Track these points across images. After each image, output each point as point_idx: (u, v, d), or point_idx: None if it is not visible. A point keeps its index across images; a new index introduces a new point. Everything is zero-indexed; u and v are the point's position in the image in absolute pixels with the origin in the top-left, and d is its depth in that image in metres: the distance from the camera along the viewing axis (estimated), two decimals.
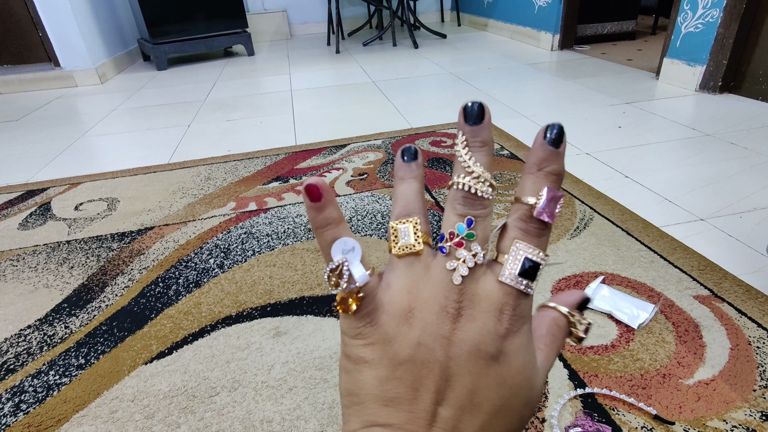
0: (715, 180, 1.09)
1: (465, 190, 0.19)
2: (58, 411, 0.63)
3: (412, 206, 0.20)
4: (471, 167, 0.19)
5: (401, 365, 0.18)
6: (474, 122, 0.19)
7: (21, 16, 2.45)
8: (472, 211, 0.19)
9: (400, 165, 0.21)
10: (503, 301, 0.18)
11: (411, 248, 0.19)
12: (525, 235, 0.19)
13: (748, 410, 0.56)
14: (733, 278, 0.77)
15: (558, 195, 0.19)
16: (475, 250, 0.19)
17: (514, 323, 0.18)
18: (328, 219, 0.19)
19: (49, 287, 0.89)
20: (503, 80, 2.07)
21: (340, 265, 0.18)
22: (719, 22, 1.60)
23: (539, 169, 0.19)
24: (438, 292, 0.18)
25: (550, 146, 0.19)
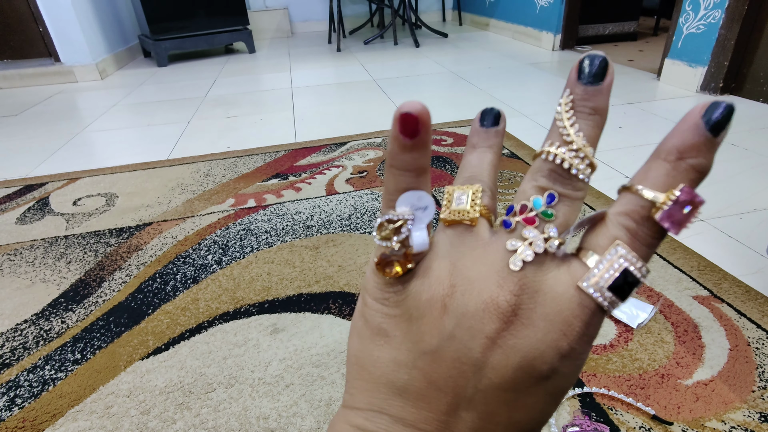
0: (716, 181, 1.09)
1: (556, 163, 0.15)
2: (53, 406, 0.63)
3: (479, 177, 0.16)
4: (572, 136, 0.14)
5: (425, 355, 0.15)
6: (590, 81, 0.14)
7: (21, 10, 2.44)
8: (558, 187, 0.15)
9: (476, 130, 0.17)
10: (575, 313, 0.14)
11: (464, 215, 0.15)
12: (632, 240, 0.14)
13: (746, 411, 0.56)
14: (733, 279, 0.77)
15: (699, 200, 0.14)
16: (550, 233, 0.15)
17: (581, 344, 0.15)
18: (415, 163, 0.15)
19: (47, 282, 0.88)
20: (504, 80, 2.06)
21: (403, 220, 0.15)
22: (721, 24, 1.60)
23: (680, 158, 0.14)
24: (490, 277, 0.14)
25: (707, 131, 0.13)
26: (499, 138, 0.17)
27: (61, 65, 2.52)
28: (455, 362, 0.14)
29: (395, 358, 0.15)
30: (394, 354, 0.15)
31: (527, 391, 0.14)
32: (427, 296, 0.15)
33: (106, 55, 2.70)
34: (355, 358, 0.16)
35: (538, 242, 0.14)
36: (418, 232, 0.15)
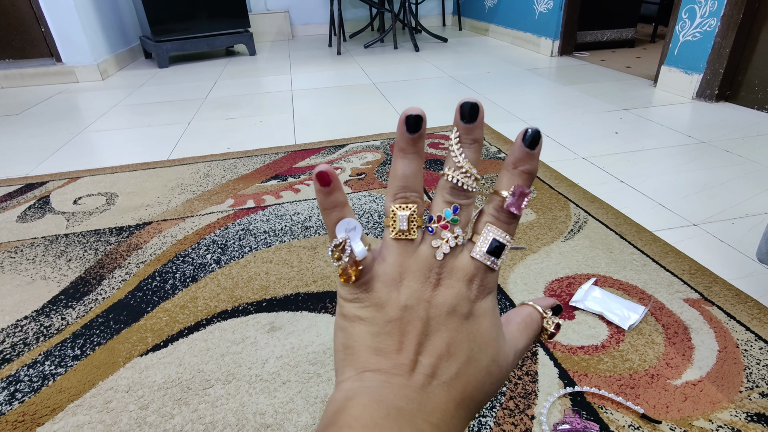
0: (709, 186, 1.11)
1: (453, 182, 0.21)
2: (53, 400, 0.63)
3: (411, 187, 0.22)
4: (460, 162, 0.21)
5: (390, 322, 0.21)
6: (468, 121, 0.21)
7: (24, 11, 2.46)
8: (457, 200, 0.22)
9: (403, 136, 0.21)
10: (474, 272, 0.22)
11: (405, 235, 0.22)
12: (496, 221, 0.22)
13: (733, 411, 0.57)
14: (724, 282, 0.78)
15: (526, 191, 0.21)
16: (457, 233, 0.22)
17: (482, 291, 0.22)
18: (335, 202, 0.21)
19: (47, 279, 0.89)
20: (502, 84, 2.08)
21: (344, 241, 0.21)
22: (716, 32, 1.62)
23: (514, 167, 0.22)
24: (423, 266, 0.22)
25: (526, 148, 0.21)
26: (422, 142, 0.22)
27: (63, 65, 2.54)
28: (410, 321, 0.21)
29: (369, 330, 0.21)
30: (368, 328, 0.21)
31: (458, 328, 0.21)
32: (386, 288, 0.22)
33: (108, 56, 2.72)
34: (342, 345, 0.22)
35: (451, 240, 0.22)
36: (356, 245, 0.21)
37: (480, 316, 0.22)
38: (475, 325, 0.22)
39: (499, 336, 0.22)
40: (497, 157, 1.31)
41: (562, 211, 1.02)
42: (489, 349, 0.22)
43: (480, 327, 0.22)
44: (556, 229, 0.96)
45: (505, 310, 0.75)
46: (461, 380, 0.21)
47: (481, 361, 0.21)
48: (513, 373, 0.64)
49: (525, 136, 0.21)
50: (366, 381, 0.20)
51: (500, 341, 0.22)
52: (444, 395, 0.20)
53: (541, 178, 1.17)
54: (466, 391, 0.21)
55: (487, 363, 0.21)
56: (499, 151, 1.35)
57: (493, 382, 0.22)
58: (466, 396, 0.21)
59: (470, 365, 0.21)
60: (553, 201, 1.07)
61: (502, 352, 0.22)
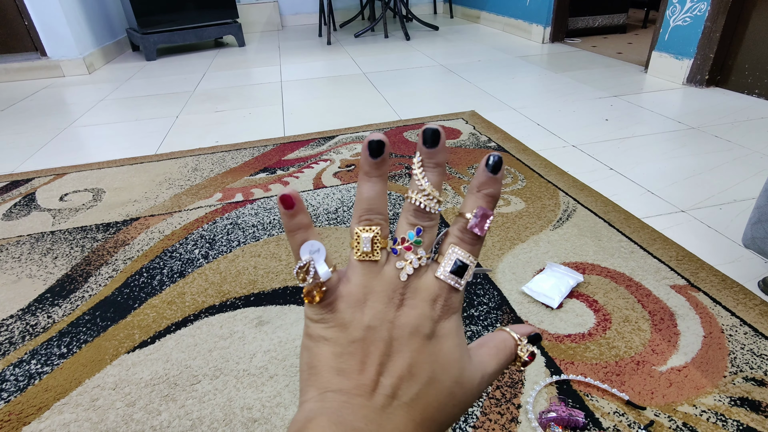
0: (698, 172, 1.11)
1: (416, 205, 0.22)
2: (39, 399, 0.63)
3: (376, 210, 0.22)
4: (423, 186, 0.22)
5: (353, 343, 0.21)
6: (430, 146, 0.22)
7: (6, 4, 2.41)
8: (421, 222, 0.22)
9: (367, 161, 0.22)
10: (437, 293, 0.22)
11: (369, 256, 0.22)
12: (460, 242, 0.22)
13: (717, 395, 0.58)
14: (710, 268, 0.79)
15: (488, 214, 0.22)
16: (421, 254, 0.22)
17: (445, 311, 0.22)
18: (299, 224, 0.22)
19: (32, 277, 0.89)
20: (493, 72, 2.07)
21: (308, 263, 0.22)
22: (707, 16, 1.61)
23: (478, 191, 0.22)
24: (387, 287, 0.22)
25: (489, 173, 0.22)
26: (386, 166, 0.22)
27: (48, 59, 2.49)
28: (373, 342, 0.21)
29: (333, 350, 0.21)
30: (332, 348, 0.21)
31: (420, 348, 0.21)
32: (350, 309, 0.22)
33: (94, 49, 2.68)
34: (306, 365, 0.22)
35: (414, 261, 0.22)
36: (320, 266, 0.22)
37: (443, 337, 0.22)
38: (438, 345, 0.21)
39: (463, 357, 0.22)
40: (487, 146, 1.31)
41: (551, 199, 1.02)
42: (452, 371, 0.22)
43: (443, 348, 0.22)
44: (545, 217, 0.96)
45: (494, 301, 0.75)
46: (422, 401, 0.21)
47: (443, 383, 0.21)
48: None
49: (488, 162, 0.22)
50: (327, 402, 0.20)
51: (464, 362, 0.22)
52: (404, 416, 0.20)
53: (530, 166, 1.17)
54: (427, 413, 0.21)
55: (450, 384, 0.21)
56: (489, 140, 1.35)
57: (456, 404, 0.22)
58: (426, 417, 0.21)
59: (432, 386, 0.21)
60: (542, 190, 1.06)
61: (467, 374, 0.22)
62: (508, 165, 1.19)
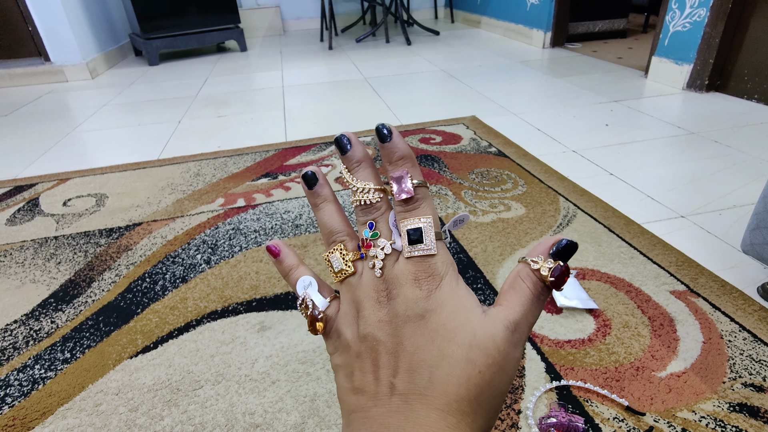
0: (698, 177, 1.11)
1: (360, 204, 0.23)
2: (43, 404, 0.64)
3: (335, 230, 0.24)
4: (356, 185, 0.23)
5: (357, 358, 0.22)
6: (344, 152, 0.23)
7: (10, 10, 2.43)
8: (369, 216, 0.23)
9: (308, 193, 0.24)
10: (413, 270, 0.21)
11: (345, 273, 0.23)
12: (403, 215, 0.22)
13: (716, 401, 0.58)
14: (710, 274, 0.79)
15: (401, 174, 0.22)
16: (382, 244, 0.22)
17: (432, 282, 0.21)
18: (289, 266, 0.24)
19: (36, 282, 0.89)
20: (494, 78, 2.08)
21: (304, 297, 0.23)
22: (706, 21, 1.62)
23: (390, 162, 0.22)
24: (369, 290, 0.22)
25: (382, 144, 0.22)
26: (326, 188, 0.24)
27: (51, 65, 2.51)
28: (373, 349, 0.21)
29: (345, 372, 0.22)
30: (344, 371, 0.22)
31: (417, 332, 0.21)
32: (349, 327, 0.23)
33: (97, 54, 2.69)
34: (339, 400, 0.23)
35: (379, 253, 0.22)
36: (316, 297, 0.24)
37: (438, 308, 0.20)
38: (434, 319, 0.20)
39: (469, 318, 0.20)
40: (488, 152, 1.31)
41: (552, 204, 1.03)
42: (458, 338, 0.20)
43: (440, 319, 0.20)
44: (546, 223, 0.96)
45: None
46: (437, 385, 0.19)
47: (454, 355, 0.19)
48: None
49: (379, 135, 0.22)
50: (352, 424, 0.20)
51: (473, 323, 0.20)
52: (422, 408, 0.19)
53: (530, 171, 1.18)
54: (449, 394, 0.19)
55: (463, 352, 0.19)
56: (490, 145, 1.35)
57: (482, 370, 0.19)
58: (449, 399, 0.19)
59: (442, 365, 0.19)
60: (542, 195, 1.07)
61: (481, 332, 0.20)
62: (508, 170, 1.19)
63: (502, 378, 0.20)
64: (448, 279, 0.21)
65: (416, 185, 0.22)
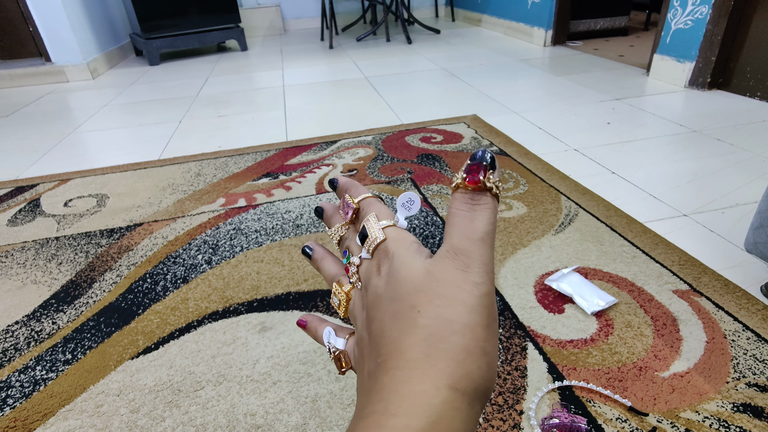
0: (700, 176, 1.11)
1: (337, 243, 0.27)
2: (44, 405, 0.64)
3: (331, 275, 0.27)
4: (330, 233, 0.27)
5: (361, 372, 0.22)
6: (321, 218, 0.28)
7: (11, 10, 2.43)
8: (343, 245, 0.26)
9: (310, 263, 0.29)
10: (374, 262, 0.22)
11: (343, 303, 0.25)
12: (355, 226, 0.26)
13: (720, 401, 0.57)
14: (713, 273, 0.79)
15: (343, 198, 0.26)
16: (353, 260, 0.24)
17: (386, 262, 0.21)
18: (314, 329, 0.28)
19: (37, 283, 0.89)
20: (495, 76, 2.07)
21: (328, 346, 0.26)
22: (708, 19, 1.61)
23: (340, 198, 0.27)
24: (358, 302, 0.24)
25: (335, 191, 0.27)
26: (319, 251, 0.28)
27: (52, 65, 2.51)
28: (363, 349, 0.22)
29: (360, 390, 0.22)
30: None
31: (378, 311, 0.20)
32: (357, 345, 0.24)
33: (97, 55, 2.69)
34: None
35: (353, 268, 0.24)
36: (336, 341, 0.26)
37: (390, 279, 0.20)
38: (389, 289, 0.20)
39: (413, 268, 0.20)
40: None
41: (553, 204, 1.02)
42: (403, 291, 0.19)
43: (391, 286, 0.20)
44: (547, 222, 0.96)
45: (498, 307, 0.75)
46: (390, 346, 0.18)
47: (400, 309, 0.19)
48: (502, 368, 0.64)
49: (330, 187, 0.27)
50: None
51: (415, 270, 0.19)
52: (383, 376, 0.18)
53: (532, 170, 1.17)
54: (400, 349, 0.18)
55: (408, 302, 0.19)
56: (491, 144, 1.35)
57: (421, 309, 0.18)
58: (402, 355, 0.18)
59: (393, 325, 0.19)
60: (544, 194, 1.06)
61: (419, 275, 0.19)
62: (509, 170, 1.19)
63: (453, 310, 0.18)
64: (400, 251, 0.21)
65: (360, 200, 0.25)
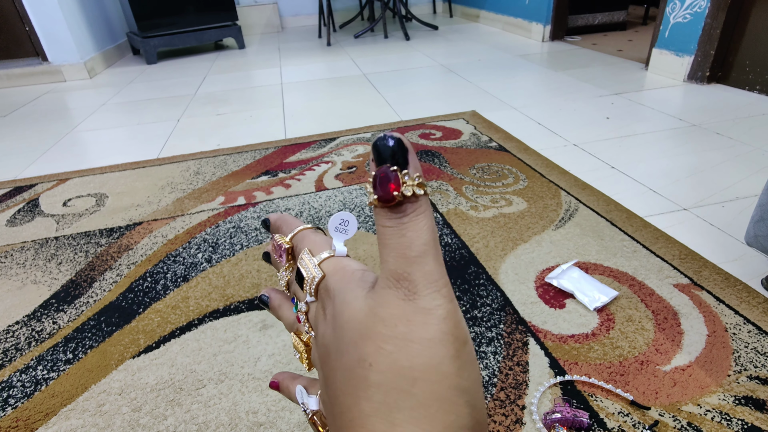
0: (700, 170, 1.11)
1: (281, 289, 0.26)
2: (46, 405, 0.64)
3: (290, 325, 0.24)
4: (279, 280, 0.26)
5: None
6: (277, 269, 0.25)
7: (7, 10, 2.42)
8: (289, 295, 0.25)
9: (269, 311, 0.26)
10: (319, 306, 0.20)
11: (303, 355, 0.23)
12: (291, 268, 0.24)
13: (721, 395, 0.58)
14: (713, 266, 0.79)
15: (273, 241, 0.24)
16: (300, 307, 0.22)
17: (329, 303, 0.19)
18: (289, 389, 0.25)
19: (37, 283, 0.89)
20: (493, 72, 2.07)
21: (302, 407, 0.24)
22: (707, 12, 1.61)
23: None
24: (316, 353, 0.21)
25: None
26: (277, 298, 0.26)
27: (49, 65, 2.50)
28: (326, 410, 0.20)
29: None
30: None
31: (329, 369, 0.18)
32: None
33: (94, 54, 2.68)
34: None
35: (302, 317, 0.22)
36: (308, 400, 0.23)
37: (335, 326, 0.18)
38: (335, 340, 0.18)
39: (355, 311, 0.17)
40: (488, 147, 1.31)
41: (553, 199, 1.02)
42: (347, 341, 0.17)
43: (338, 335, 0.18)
44: (547, 217, 0.96)
45: (497, 302, 0.75)
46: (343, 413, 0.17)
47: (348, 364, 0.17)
48: (504, 363, 0.64)
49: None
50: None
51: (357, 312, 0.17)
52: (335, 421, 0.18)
53: (532, 166, 1.17)
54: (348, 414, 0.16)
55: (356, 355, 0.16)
56: (490, 140, 1.35)
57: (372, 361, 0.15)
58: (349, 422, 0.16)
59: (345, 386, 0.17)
60: (544, 189, 1.06)
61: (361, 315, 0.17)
62: (509, 165, 1.19)
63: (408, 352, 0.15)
64: (340, 286, 0.18)
65: (291, 236, 0.23)
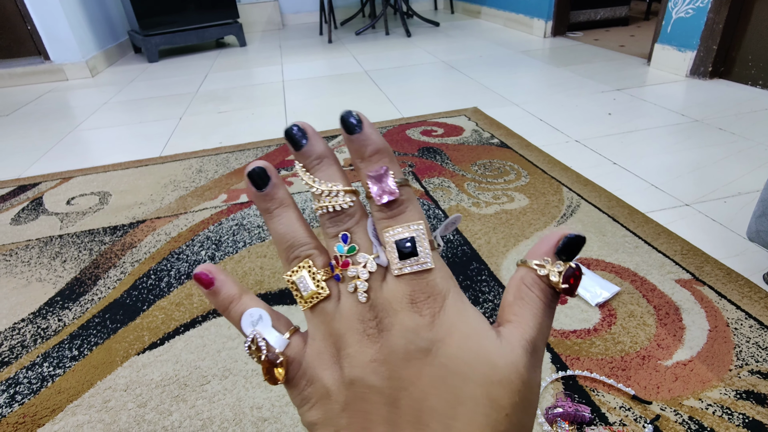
0: (702, 165, 1.10)
1: (328, 211, 0.18)
2: (52, 401, 0.64)
3: (297, 242, 0.19)
4: (319, 188, 0.18)
5: (343, 413, 0.17)
6: (298, 147, 0.18)
7: (9, 9, 2.42)
8: (342, 226, 0.18)
9: (255, 196, 0.18)
10: (409, 291, 0.17)
11: (318, 296, 0.18)
12: (387, 222, 0.18)
13: (723, 389, 0.58)
14: (715, 262, 0.79)
15: (381, 171, 0.17)
16: (363, 260, 0.17)
17: (433, 306, 0.17)
18: (228, 297, 0.19)
19: (42, 281, 0.90)
20: (495, 68, 2.06)
21: (254, 337, 0.18)
22: (709, 7, 1.60)
23: (362, 159, 0.18)
24: (352, 321, 0.17)
25: (351, 135, 0.18)
26: (281, 189, 0.19)
27: (51, 63, 2.51)
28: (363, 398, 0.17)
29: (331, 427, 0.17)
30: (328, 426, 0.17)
31: (423, 371, 0.16)
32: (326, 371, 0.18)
33: (96, 52, 2.69)
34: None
35: (362, 273, 0.17)
36: (270, 335, 0.18)
37: (445, 337, 0.16)
38: (443, 352, 0.16)
39: (484, 346, 0.16)
40: (490, 143, 1.31)
41: (555, 195, 1.02)
42: (476, 373, 0.16)
43: (450, 351, 0.16)
44: (549, 213, 0.96)
45: (499, 298, 0.76)
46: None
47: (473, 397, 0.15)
48: None
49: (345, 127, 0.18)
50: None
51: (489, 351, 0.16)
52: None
53: (533, 162, 1.17)
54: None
55: (484, 392, 0.16)
56: (492, 136, 1.35)
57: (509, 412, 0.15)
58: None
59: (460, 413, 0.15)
60: (545, 185, 1.06)
61: (501, 362, 0.16)
62: (511, 162, 1.19)
63: (529, 416, 0.16)
64: (452, 298, 0.17)
65: (399, 183, 0.18)
